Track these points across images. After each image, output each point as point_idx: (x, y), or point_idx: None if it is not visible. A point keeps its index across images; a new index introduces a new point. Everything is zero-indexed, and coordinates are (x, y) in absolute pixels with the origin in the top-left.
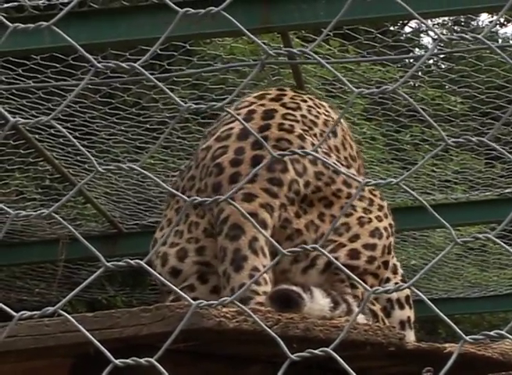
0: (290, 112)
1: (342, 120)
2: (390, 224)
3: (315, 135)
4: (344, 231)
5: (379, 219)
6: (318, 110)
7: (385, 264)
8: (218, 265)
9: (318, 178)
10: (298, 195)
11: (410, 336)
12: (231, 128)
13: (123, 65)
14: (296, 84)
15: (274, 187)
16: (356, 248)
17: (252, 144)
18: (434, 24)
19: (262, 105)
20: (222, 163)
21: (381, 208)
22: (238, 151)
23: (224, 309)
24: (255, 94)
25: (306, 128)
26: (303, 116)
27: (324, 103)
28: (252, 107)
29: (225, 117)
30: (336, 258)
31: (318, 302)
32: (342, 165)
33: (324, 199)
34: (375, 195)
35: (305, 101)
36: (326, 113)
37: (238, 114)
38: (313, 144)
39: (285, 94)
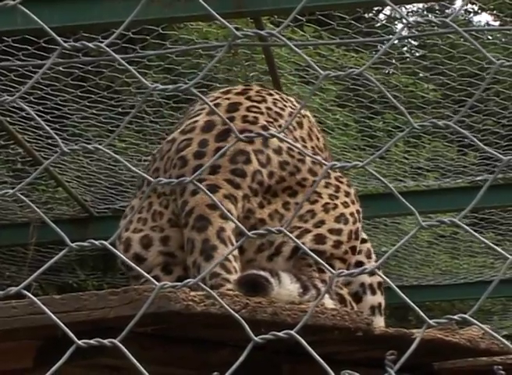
0: (255, 104)
1: (309, 114)
2: (357, 210)
3: (280, 126)
4: (309, 218)
5: (345, 205)
6: (285, 103)
7: (353, 249)
8: (187, 256)
9: (282, 168)
10: (262, 186)
11: (380, 322)
12: (195, 121)
13: (90, 45)
14: (269, 70)
15: (237, 178)
16: (321, 233)
17: (216, 136)
18: (408, 12)
19: (227, 98)
20: (185, 156)
21: (347, 194)
22: (202, 144)
23: (192, 293)
24: (221, 90)
25: (271, 120)
26: (268, 108)
27: (291, 98)
28: (217, 101)
29: (191, 112)
30: (302, 244)
31: (286, 287)
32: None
33: (288, 189)
34: (341, 182)
35: (271, 94)
36: (293, 107)
37: (203, 108)
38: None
39: (251, 89)
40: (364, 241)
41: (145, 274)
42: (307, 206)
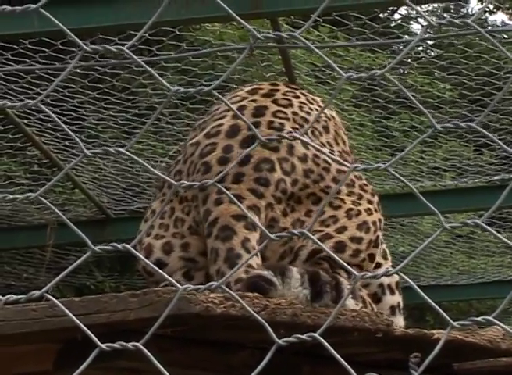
0: (281, 109)
1: (335, 115)
2: (379, 219)
3: (306, 133)
4: (331, 223)
5: (369, 212)
6: (310, 106)
7: (371, 257)
8: (210, 265)
9: (306, 176)
10: (285, 194)
11: (400, 321)
12: (221, 124)
13: (111, 48)
14: (286, 71)
15: (260, 187)
16: (342, 241)
17: (241, 142)
18: (423, 12)
19: (253, 100)
20: (209, 162)
21: (370, 202)
22: (226, 150)
23: (211, 295)
24: (248, 89)
25: (297, 126)
26: (294, 113)
27: (317, 98)
28: (243, 102)
29: (216, 111)
30: (321, 250)
31: (291, 290)
32: (334, 160)
33: (312, 195)
34: (365, 191)
35: (298, 97)
36: (318, 109)
37: (229, 110)
38: (303, 142)
39: (277, 90)
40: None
41: (167, 277)
42: (329, 212)
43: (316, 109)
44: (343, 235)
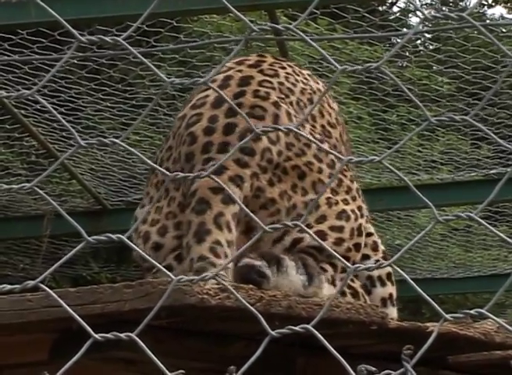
0: (267, 78)
1: (321, 88)
2: (359, 207)
3: (291, 103)
4: (313, 209)
5: (346, 202)
6: (297, 78)
7: (357, 246)
8: (183, 237)
9: (288, 148)
10: (271, 163)
11: (393, 313)
12: (206, 95)
13: (107, 39)
14: None
15: (245, 156)
16: (322, 230)
17: (226, 112)
18: (422, 4)
19: (240, 70)
20: (195, 132)
21: (349, 190)
22: (211, 120)
23: (207, 286)
24: (235, 60)
25: (282, 96)
26: (280, 83)
27: (303, 71)
28: (229, 72)
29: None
30: (302, 239)
31: (289, 278)
32: (315, 137)
33: (297, 168)
34: (345, 176)
35: (284, 68)
36: (304, 81)
37: (215, 80)
38: (288, 113)
39: (264, 61)
40: (369, 234)
41: (159, 266)
42: (311, 196)
43: (302, 81)
44: (322, 225)
